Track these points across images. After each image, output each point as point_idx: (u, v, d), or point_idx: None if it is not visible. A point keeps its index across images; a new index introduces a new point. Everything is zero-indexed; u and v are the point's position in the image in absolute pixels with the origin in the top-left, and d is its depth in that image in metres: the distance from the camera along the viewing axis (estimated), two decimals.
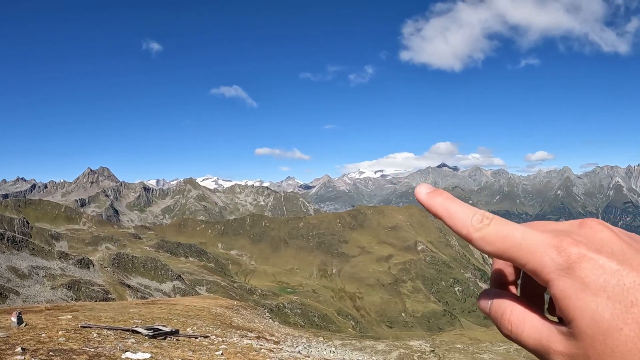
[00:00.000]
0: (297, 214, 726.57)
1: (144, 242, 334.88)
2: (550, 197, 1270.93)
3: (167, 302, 76.00)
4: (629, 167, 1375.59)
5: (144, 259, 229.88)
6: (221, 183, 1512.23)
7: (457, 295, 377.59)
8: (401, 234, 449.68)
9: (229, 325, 52.11)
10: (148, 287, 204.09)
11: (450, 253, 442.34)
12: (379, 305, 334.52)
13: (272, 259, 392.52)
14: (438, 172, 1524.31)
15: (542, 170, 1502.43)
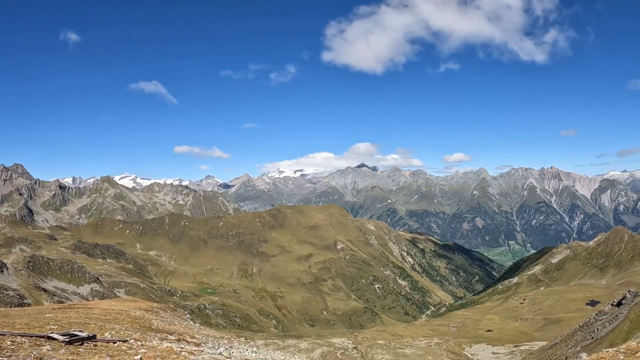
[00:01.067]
0: (217, 213, 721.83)
1: (60, 244, 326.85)
2: (467, 197, 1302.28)
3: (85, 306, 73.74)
4: (542, 169, 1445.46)
5: (60, 261, 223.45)
6: (139, 182, 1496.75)
7: (377, 293, 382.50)
8: (321, 233, 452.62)
9: (148, 329, 50.90)
10: (65, 290, 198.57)
11: (370, 251, 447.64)
12: (300, 304, 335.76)
13: (192, 259, 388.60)
14: (357, 172, 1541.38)
15: (459, 171, 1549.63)
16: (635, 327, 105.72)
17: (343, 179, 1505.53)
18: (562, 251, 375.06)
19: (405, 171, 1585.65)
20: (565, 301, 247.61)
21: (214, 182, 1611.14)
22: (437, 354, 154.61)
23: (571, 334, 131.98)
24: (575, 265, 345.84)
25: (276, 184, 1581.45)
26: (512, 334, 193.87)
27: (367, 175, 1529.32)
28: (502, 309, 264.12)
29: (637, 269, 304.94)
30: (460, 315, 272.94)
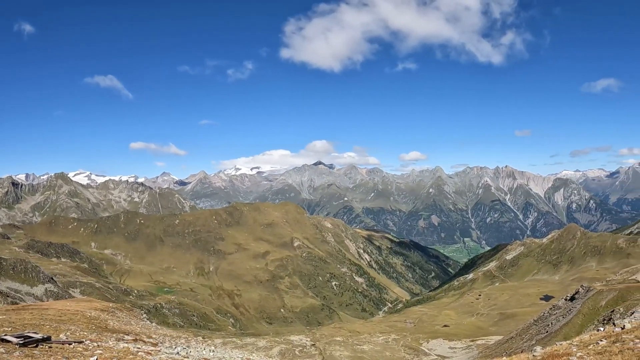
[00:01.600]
0: (173, 211, 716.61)
1: (13, 243, 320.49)
2: (423, 195, 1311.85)
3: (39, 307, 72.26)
4: (497, 168, 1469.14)
5: (13, 261, 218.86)
6: (94, 178, 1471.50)
7: (334, 290, 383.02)
8: (277, 231, 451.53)
9: (104, 329, 50.10)
10: (18, 291, 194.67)
11: (326, 249, 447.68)
12: (258, 302, 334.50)
13: (147, 258, 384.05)
14: (314, 170, 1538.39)
15: (415, 170, 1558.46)
16: (589, 321, 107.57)
17: (300, 177, 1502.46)
18: (517, 248, 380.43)
19: (362, 169, 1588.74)
20: (520, 296, 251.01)
21: (170, 179, 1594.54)
22: (395, 350, 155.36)
23: (526, 328, 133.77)
24: (530, 262, 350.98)
25: (233, 181, 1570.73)
26: (468, 328, 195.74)
27: (323, 173, 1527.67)
28: (458, 304, 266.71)
29: (589, 264, 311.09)
30: (417, 311, 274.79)
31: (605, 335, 26.11)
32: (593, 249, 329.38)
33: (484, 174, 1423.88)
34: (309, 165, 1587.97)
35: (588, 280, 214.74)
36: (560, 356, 22.24)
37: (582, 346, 24.26)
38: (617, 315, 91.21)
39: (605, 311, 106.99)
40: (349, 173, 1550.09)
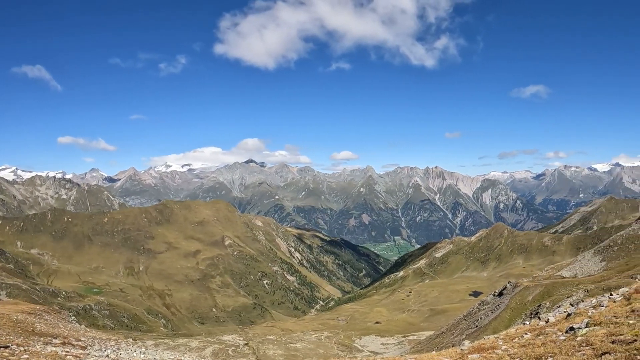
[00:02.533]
0: (102, 208, 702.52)
1: None
2: (354, 194, 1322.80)
3: None
4: (427, 169, 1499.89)
5: None
6: (20, 174, 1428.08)
7: (266, 288, 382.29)
8: (208, 229, 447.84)
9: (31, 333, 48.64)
10: None
11: (257, 247, 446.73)
12: (189, 301, 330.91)
13: (76, 258, 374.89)
14: (245, 168, 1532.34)
15: (346, 169, 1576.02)
16: (516, 315, 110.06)
17: (231, 175, 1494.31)
18: (446, 246, 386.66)
19: (293, 167, 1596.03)
20: (450, 293, 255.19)
21: (99, 175, 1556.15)
22: (328, 347, 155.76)
23: (456, 323, 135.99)
24: (458, 259, 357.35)
25: (163, 178, 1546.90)
26: (399, 325, 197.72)
27: (255, 171, 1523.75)
28: (389, 301, 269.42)
29: (516, 261, 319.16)
30: (348, 308, 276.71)
31: (530, 329, 26.73)
32: (520, 246, 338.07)
33: (414, 174, 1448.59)
34: (240, 163, 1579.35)
35: (515, 276, 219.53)
36: (487, 349, 22.70)
37: (507, 339, 24.81)
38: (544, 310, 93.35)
39: (533, 306, 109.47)
40: (280, 171, 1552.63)
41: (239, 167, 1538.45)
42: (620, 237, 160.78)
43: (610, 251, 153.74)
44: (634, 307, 20.82)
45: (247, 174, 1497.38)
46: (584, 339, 17.50)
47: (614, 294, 30.17)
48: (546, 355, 17.08)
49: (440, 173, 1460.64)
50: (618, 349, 14.74)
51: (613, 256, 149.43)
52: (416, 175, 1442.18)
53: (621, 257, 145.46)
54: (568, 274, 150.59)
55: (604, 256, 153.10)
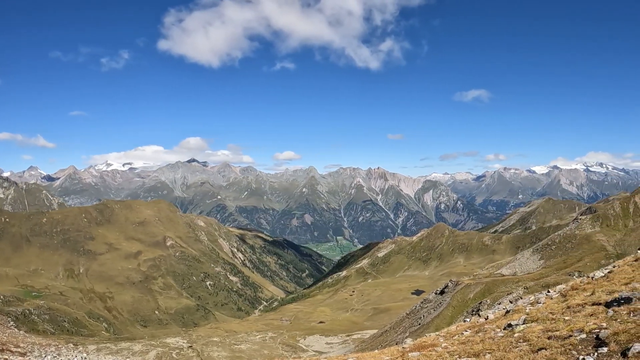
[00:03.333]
0: (40, 208, 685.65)
1: None
2: (296, 194, 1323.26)
3: None
4: (369, 169, 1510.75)
5: None
6: None
7: (209, 290, 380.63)
8: (150, 230, 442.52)
9: None
10: None
11: (200, 248, 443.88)
12: (131, 304, 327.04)
13: (13, 260, 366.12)
14: (188, 167, 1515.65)
15: (289, 169, 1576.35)
16: (458, 312, 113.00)
17: (173, 174, 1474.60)
18: (388, 246, 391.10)
19: (236, 167, 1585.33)
20: (392, 291, 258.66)
21: (37, 173, 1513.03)
22: (272, 348, 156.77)
23: (399, 321, 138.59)
24: (400, 259, 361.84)
25: (104, 177, 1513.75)
26: (343, 324, 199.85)
27: (197, 171, 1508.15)
28: (332, 301, 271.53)
29: (457, 260, 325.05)
30: (292, 308, 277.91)
31: (470, 326, 28.35)
32: (461, 246, 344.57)
33: (357, 174, 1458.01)
34: (182, 162, 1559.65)
35: (456, 275, 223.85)
36: (427, 347, 23.88)
37: (448, 337, 26.26)
38: (485, 307, 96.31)
39: (474, 303, 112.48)
40: (222, 171, 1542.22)
41: (181, 166, 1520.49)
42: (557, 236, 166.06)
43: (549, 250, 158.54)
44: (569, 304, 22.58)
45: (189, 173, 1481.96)
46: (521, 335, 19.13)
47: (551, 291, 32.14)
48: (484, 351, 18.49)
49: (382, 174, 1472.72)
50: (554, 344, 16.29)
51: (551, 254, 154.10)
52: (358, 175, 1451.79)
53: (559, 255, 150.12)
54: (508, 272, 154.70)
55: (543, 255, 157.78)
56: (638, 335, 14.34)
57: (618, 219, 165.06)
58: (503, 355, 16.52)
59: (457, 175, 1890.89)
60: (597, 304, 20.23)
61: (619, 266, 30.72)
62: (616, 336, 14.83)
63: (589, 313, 19.15)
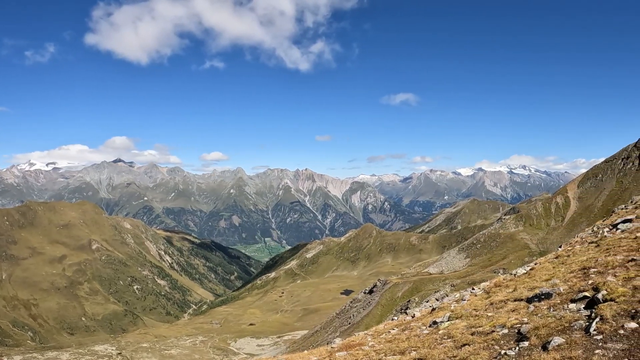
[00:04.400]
0: None
1: None
2: (224, 195, 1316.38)
3: None
4: (297, 171, 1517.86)
5: None
6: None
7: (136, 294, 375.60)
8: (75, 232, 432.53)
9: None
10: None
11: (126, 251, 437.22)
12: (57, 311, 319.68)
13: None
14: (113, 168, 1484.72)
15: (216, 170, 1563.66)
16: (388, 311, 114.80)
17: (98, 174, 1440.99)
18: (316, 247, 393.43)
19: (163, 168, 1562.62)
20: (322, 292, 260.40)
21: None
22: (203, 352, 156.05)
23: (330, 321, 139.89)
24: (329, 259, 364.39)
25: (26, 177, 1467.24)
26: (274, 325, 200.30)
27: (123, 171, 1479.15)
28: (262, 302, 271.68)
29: (385, 260, 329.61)
30: (222, 311, 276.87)
31: (397, 324, 29.14)
32: (388, 246, 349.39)
33: (285, 176, 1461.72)
34: (108, 162, 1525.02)
35: (385, 274, 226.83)
36: (355, 346, 24.44)
37: (376, 335, 26.93)
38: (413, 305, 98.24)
39: (402, 301, 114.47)
40: (149, 172, 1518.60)
41: (107, 166, 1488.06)
42: (482, 235, 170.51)
43: (474, 248, 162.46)
44: (492, 300, 23.50)
45: (115, 173, 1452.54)
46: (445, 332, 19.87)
47: (475, 289, 33.22)
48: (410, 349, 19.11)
49: (310, 175, 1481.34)
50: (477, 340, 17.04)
51: (476, 253, 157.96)
52: (286, 177, 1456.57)
53: (484, 253, 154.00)
54: (435, 270, 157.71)
55: (468, 253, 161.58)
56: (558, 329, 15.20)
57: (540, 218, 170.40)
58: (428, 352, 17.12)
59: (384, 176, 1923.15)
60: (519, 299, 21.16)
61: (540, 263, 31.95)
62: (537, 330, 15.66)
63: (511, 309, 20.04)
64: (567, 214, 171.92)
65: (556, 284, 20.86)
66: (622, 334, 13.40)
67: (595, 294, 16.91)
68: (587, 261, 23.55)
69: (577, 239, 36.51)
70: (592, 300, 16.82)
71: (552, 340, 14.29)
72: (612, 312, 14.76)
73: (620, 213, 39.08)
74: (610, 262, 20.98)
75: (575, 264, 24.23)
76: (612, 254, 23.03)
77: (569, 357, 12.86)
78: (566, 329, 15.12)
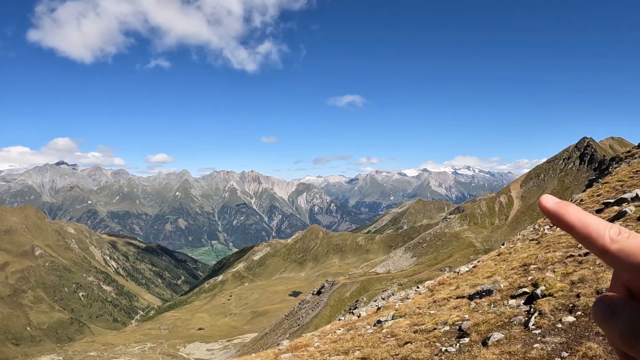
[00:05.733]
0: None
1: None
2: (170, 198, 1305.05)
3: None
4: (243, 173, 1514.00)
5: None
6: None
7: (82, 301, 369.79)
8: (17, 238, 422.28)
9: None
10: None
11: (71, 257, 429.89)
12: (0, 321, 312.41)
13: None
14: (56, 170, 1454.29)
15: (162, 172, 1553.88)
16: (336, 311, 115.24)
17: (40, 177, 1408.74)
18: (263, 249, 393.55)
19: (107, 170, 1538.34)
20: (270, 294, 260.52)
21: None
22: (152, 359, 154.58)
23: (279, 323, 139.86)
24: (276, 261, 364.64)
25: None
26: (223, 329, 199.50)
27: (66, 174, 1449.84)
28: (210, 306, 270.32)
29: (332, 261, 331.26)
30: (170, 316, 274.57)
31: (343, 324, 29.32)
32: (335, 247, 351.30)
33: (231, 178, 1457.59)
34: (50, 164, 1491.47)
35: (332, 275, 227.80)
36: (301, 348, 24.53)
37: (322, 336, 27.05)
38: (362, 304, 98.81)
39: (351, 301, 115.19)
40: (93, 174, 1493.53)
41: (49, 169, 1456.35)
42: (428, 234, 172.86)
43: (420, 248, 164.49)
44: (435, 298, 23.84)
45: (58, 176, 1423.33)
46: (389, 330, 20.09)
47: (420, 287, 33.65)
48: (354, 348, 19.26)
49: (256, 177, 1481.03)
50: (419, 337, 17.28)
51: (423, 252, 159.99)
52: (232, 179, 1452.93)
53: (430, 252, 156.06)
54: (382, 270, 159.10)
55: (415, 252, 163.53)
56: (498, 324, 15.54)
57: (485, 217, 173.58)
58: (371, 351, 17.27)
59: (330, 178, 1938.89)
60: (461, 297, 21.54)
61: (483, 261, 32.52)
62: (477, 327, 15.97)
63: (453, 306, 20.38)
64: (510, 212, 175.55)
65: (497, 281, 21.25)
66: (560, 328, 13.72)
67: (535, 289, 17.30)
68: (528, 258, 24.05)
69: (519, 236, 37.25)
70: (531, 295, 17.22)
71: (491, 335, 14.58)
72: (551, 307, 15.11)
73: None
74: (550, 259, 21.45)
75: (516, 261, 24.72)
76: (552, 250, 23.57)
77: (507, 352, 13.12)
78: (506, 324, 15.45)
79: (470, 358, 13.61)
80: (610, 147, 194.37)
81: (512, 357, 12.71)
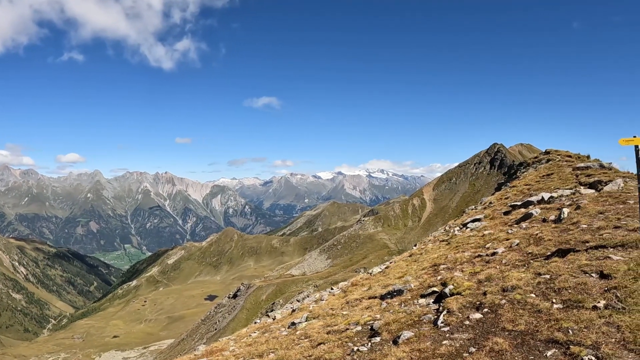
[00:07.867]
0: None
1: None
2: (81, 199, 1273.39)
3: None
4: (157, 174, 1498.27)
5: None
6: None
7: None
8: None
9: None
10: None
11: None
12: None
13: None
14: None
15: (73, 173, 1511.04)
16: (253, 314, 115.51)
17: None
18: (177, 252, 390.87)
19: (16, 170, 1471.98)
20: (185, 298, 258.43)
21: None
22: None
23: (196, 328, 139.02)
24: (191, 265, 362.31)
25: None
26: (139, 336, 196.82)
27: None
28: (125, 312, 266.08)
29: (247, 264, 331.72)
30: (83, 324, 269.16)
31: (259, 327, 29.63)
32: (250, 249, 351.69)
33: (144, 179, 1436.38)
34: None
35: (248, 278, 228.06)
36: (216, 352, 24.64)
37: (238, 340, 27.24)
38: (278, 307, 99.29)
39: (267, 304, 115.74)
40: (0, 174, 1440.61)
41: None
42: (343, 236, 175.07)
43: (335, 249, 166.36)
44: (349, 299, 24.28)
45: None
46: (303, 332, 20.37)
47: (334, 288, 34.16)
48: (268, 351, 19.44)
49: (170, 179, 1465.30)
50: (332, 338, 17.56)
51: (338, 254, 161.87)
52: (146, 180, 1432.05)
53: (345, 254, 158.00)
54: (297, 272, 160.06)
55: (330, 254, 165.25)
56: (408, 323, 16.02)
57: (398, 219, 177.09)
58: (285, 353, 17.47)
59: (245, 180, 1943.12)
60: (373, 297, 22.04)
61: (395, 262, 33.30)
62: (388, 326, 16.41)
63: (365, 306, 20.84)
64: (423, 214, 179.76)
65: (408, 281, 21.85)
66: (468, 325, 14.28)
67: (444, 288, 17.93)
68: (438, 258, 24.83)
69: (431, 237, 38.32)
70: (440, 294, 17.84)
71: (402, 334, 15.02)
72: (459, 305, 15.70)
73: (470, 213, 41.45)
74: (459, 259, 22.21)
75: (427, 261, 25.46)
76: (461, 250, 24.40)
77: (417, 349, 13.55)
78: (416, 322, 15.95)
79: (381, 356, 13.97)
80: (520, 153, 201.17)
81: (422, 354, 13.14)
